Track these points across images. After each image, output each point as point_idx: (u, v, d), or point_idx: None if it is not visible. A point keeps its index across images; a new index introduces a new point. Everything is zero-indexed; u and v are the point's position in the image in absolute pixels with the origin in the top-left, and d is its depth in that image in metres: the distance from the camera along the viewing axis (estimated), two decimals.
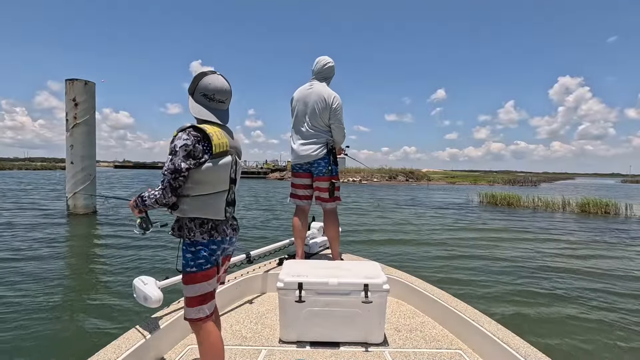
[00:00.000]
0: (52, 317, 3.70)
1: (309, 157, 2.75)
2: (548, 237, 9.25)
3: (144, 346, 1.70)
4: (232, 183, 1.52)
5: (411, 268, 5.83)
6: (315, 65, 2.80)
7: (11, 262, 5.65)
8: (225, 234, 1.49)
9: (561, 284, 5.26)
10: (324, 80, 2.81)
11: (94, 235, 8.23)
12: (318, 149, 2.74)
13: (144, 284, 1.88)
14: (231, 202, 1.53)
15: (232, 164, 1.48)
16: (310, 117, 2.73)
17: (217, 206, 1.45)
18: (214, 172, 1.42)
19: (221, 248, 1.51)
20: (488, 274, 5.65)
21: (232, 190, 1.52)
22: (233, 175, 1.51)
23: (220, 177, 1.45)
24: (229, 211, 1.51)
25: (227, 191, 1.49)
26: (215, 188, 1.45)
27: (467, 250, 7.40)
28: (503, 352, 1.73)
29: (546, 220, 12.91)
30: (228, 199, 1.50)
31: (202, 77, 1.48)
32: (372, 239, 8.35)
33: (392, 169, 47.53)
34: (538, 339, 3.41)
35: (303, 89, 2.80)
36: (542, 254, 7.19)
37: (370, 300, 1.88)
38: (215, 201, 1.45)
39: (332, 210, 2.87)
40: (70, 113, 10.98)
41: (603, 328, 3.78)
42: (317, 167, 2.79)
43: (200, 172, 1.39)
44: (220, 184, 1.46)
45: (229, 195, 1.50)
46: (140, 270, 5.37)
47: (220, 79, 1.50)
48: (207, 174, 1.41)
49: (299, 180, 2.90)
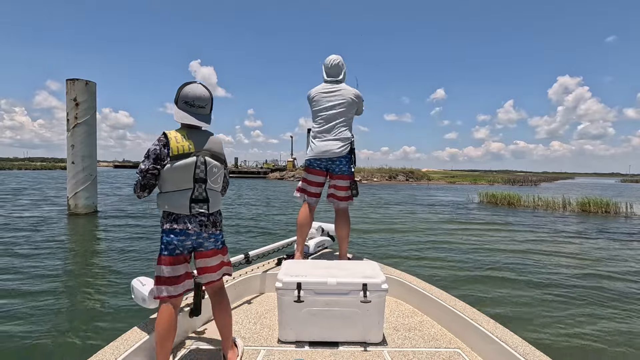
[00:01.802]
0: (50, 318, 3.71)
1: (332, 154, 2.72)
2: (548, 236, 9.28)
3: (143, 347, 1.69)
4: (201, 182, 1.63)
5: (412, 267, 5.84)
6: (327, 67, 2.83)
7: (9, 261, 5.66)
8: (186, 227, 1.61)
9: (560, 283, 5.28)
10: (343, 80, 2.86)
11: (93, 235, 8.24)
12: (342, 147, 2.72)
13: (142, 284, 1.87)
14: (201, 199, 1.64)
15: (195, 164, 1.61)
16: (339, 114, 2.74)
17: (180, 202, 1.60)
18: (173, 172, 1.58)
19: (190, 239, 1.63)
20: (487, 273, 5.67)
21: (199, 188, 1.63)
22: (202, 175, 1.63)
23: (180, 177, 1.59)
24: (196, 207, 1.63)
25: (192, 189, 1.62)
26: (178, 186, 1.60)
27: (466, 249, 7.41)
28: (501, 350, 1.73)
29: (547, 219, 12.93)
30: (195, 197, 1.62)
31: (184, 87, 1.66)
32: (373, 237, 8.37)
33: (392, 168, 47.59)
34: (536, 338, 3.43)
35: (327, 87, 2.80)
36: (542, 254, 7.20)
37: (369, 299, 1.88)
38: (178, 197, 1.60)
39: (345, 210, 2.86)
40: (71, 113, 10.98)
41: (602, 327, 3.78)
42: (339, 165, 2.77)
43: (163, 172, 1.59)
44: (182, 182, 1.60)
45: (194, 193, 1.62)
46: (139, 271, 5.37)
47: (199, 88, 1.68)
48: (168, 173, 1.58)
49: (313, 177, 2.83)
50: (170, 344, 1.62)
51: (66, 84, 11.04)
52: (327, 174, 2.84)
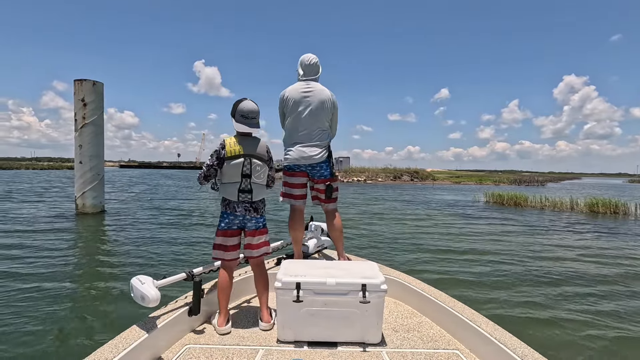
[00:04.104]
0: (49, 317, 3.69)
1: (311, 160, 2.68)
2: (553, 237, 9.19)
3: (142, 345, 1.69)
4: (246, 177, 2.12)
5: (414, 267, 5.81)
6: (304, 65, 2.72)
7: (12, 260, 5.71)
8: (235, 210, 2.14)
9: (561, 283, 5.23)
10: (318, 79, 2.76)
11: (99, 234, 8.28)
12: (321, 152, 2.69)
13: (141, 283, 1.87)
14: (246, 190, 2.14)
15: (242, 164, 2.10)
16: (314, 118, 2.66)
17: (231, 191, 2.12)
18: (228, 168, 2.10)
19: (237, 219, 2.15)
20: (488, 273, 5.63)
21: (245, 182, 2.13)
22: (248, 172, 2.12)
23: (232, 172, 2.10)
24: (242, 196, 2.13)
25: (240, 182, 2.12)
26: (230, 179, 2.12)
27: (471, 249, 7.36)
28: (500, 352, 1.73)
29: (554, 220, 12.82)
30: (242, 188, 2.13)
31: (239, 103, 2.15)
32: (379, 237, 8.34)
33: (396, 168, 47.42)
34: (535, 339, 3.39)
35: (299, 90, 2.67)
36: (545, 254, 7.13)
37: (367, 300, 1.88)
38: (230, 188, 2.12)
39: (334, 210, 2.85)
40: (79, 113, 11.05)
41: (601, 329, 3.75)
42: (320, 171, 2.75)
43: (223, 168, 2.12)
44: (233, 176, 2.11)
45: (241, 185, 2.12)
46: (141, 269, 5.38)
47: (251, 103, 2.15)
48: (224, 169, 2.11)
49: (295, 179, 2.78)
50: (227, 296, 2.12)
51: (74, 84, 11.11)
52: (308, 175, 2.79)
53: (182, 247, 6.99)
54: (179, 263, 5.81)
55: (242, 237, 2.23)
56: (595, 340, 3.50)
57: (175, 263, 5.83)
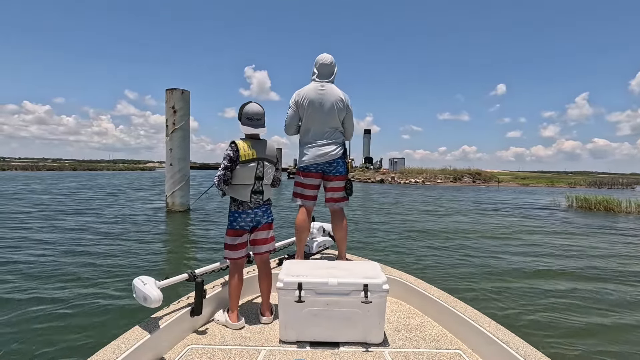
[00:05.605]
0: (49, 316, 3.67)
1: (327, 157, 2.78)
2: None
3: (144, 346, 1.70)
4: (259, 179, 2.22)
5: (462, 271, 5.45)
6: (320, 65, 2.80)
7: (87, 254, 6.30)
8: (249, 208, 2.22)
9: (561, 285, 5.01)
10: (333, 81, 2.85)
11: (187, 230, 8.94)
12: (337, 149, 2.81)
13: (144, 284, 1.88)
14: (258, 192, 2.24)
15: (256, 167, 2.19)
16: (329, 117, 2.77)
17: (244, 193, 2.20)
18: (241, 171, 2.17)
19: (249, 217, 2.23)
20: (493, 275, 5.36)
21: (257, 184, 2.22)
22: (260, 175, 2.22)
23: (246, 175, 2.17)
24: (254, 197, 2.23)
25: (253, 184, 2.20)
26: (243, 181, 2.19)
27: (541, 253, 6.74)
28: (503, 352, 1.72)
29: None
30: (254, 190, 2.22)
31: (244, 107, 2.20)
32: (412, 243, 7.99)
33: (456, 170, 45.23)
34: (539, 340, 3.33)
35: (314, 90, 2.77)
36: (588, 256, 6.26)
37: (370, 300, 1.89)
38: (242, 190, 2.20)
39: (341, 210, 2.92)
40: (169, 119, 12.11)
41: (604, 329, 3.66)
42: (336, 167, 2.84)
43: (235, 171, 2.17)
44: (247, 179, 2.18)
45: (254, 187, 2.21)
46: (150, 270, 5.36)
47: (255, 106, 2.22)
48: (238, 172, 2.16)
49: (309, 180, 2.86)
50: (238, 294, 2.22)
51: (166, 93, 12.19)
52: (322, 176, 2.88)
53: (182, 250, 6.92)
54: (174, 264, 5.81)
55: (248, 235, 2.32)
56: (599, 342, 3.37)
57: (173, 263, 5.82)
